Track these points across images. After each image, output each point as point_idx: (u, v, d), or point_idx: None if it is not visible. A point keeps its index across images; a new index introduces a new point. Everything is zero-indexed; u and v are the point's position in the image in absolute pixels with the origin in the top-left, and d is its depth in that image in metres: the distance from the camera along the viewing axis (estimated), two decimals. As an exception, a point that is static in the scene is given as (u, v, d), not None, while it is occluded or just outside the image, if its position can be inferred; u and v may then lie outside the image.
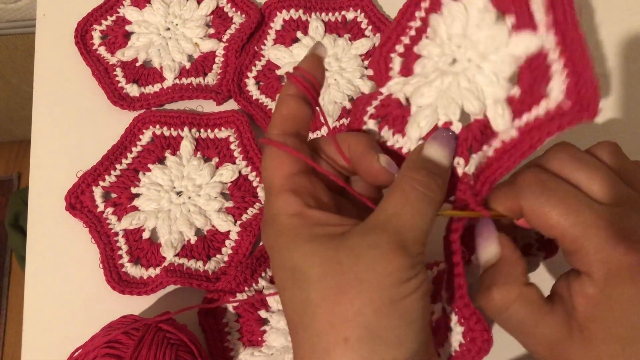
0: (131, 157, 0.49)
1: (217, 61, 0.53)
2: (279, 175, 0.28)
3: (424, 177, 0.28)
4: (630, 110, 0.52)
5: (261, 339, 0.42)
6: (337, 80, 0.52)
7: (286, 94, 0.30)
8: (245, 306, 0.43)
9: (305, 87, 0.30)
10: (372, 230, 0.26)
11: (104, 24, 0.55)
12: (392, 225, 0.26)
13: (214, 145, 0.50)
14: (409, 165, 0.29)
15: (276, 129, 0.30)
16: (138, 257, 0.46)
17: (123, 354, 0.37)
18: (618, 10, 0.56)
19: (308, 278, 0.25)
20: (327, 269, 0.25)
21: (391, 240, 0.25)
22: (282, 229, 0.27)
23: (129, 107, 0.51)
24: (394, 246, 0.25)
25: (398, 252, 0.25)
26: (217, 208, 0.47)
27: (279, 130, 0.29)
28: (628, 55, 0.54)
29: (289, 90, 0.30)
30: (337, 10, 0.55)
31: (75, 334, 0.41)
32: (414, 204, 0.27)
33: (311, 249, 0.26)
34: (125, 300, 0.44)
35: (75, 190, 0.47)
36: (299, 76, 0.30)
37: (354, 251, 0.25)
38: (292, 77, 0.30)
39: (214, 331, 0.43)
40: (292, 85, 0.30)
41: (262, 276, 0.44)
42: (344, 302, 0.24)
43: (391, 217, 0.26)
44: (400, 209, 0.27)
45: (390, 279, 0.25)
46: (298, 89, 0.30)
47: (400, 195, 0.27)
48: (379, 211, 0.27)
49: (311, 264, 0.26)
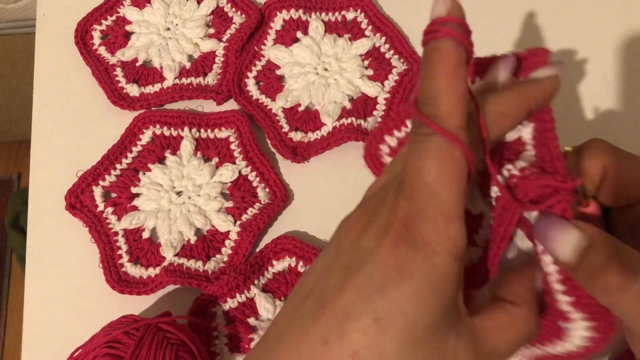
0: (131, 157, 0.49)
1: (217, 61, 0.53)
2: (454, 190, 0.20)
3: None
4: (630, 110, 0.52)
5: (248, 347, 0.42)
6: (337, 80, 0.52)
7: (458, 61, 0.21)
8: (235, 312, 0.43)
9: (469, 48, 0.21)
10: (474, 351, 0.22)
11: (104, 24, 0.55)
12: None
13: (214, 145, 0.50)
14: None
15: (455, 117, 0.20)
16: (138, 257, 0.46)
17: (123, 354, 0.37)
18: (618, 11, 0.56)
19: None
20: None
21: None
22: (436, 271, 0.20)
23: (129, 107, 0.51)
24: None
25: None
26: (217, 208, 0.47)
27: (459, 122, 0.20)
28: (628, 54, 0.54)
29: (458, 53, 0.21)
30: (337, 10, 0.55)
31: (75, 334, 0.41)
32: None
33: (435, 323, 0.21)
34: (125, 300, 0.44)
35: (75, 189, 0.47)
36: (458, 31, 0.21)
37: (472, 348, 0.21)
38: (455, 33, 0.21)
39: (202, 334, 0.43)
40: (458, 46, 0.21)
41: (255, 284, 0.44)
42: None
43: (492, 350, 0.22)
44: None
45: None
46: (465, 54, 0.21)
47: (515, 332, 0.23)
48: (488, 328, 0.22)
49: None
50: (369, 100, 0.51)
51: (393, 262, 0.20)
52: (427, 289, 0.20)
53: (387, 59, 0.53)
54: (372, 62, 0.52)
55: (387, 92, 0.51)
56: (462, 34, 0.21)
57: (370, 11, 0.54)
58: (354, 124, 0.49)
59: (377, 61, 0.52)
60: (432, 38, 0.21)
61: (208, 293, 0.43)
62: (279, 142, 0.49)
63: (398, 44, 0.53)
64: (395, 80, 0.51)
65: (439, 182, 0.20)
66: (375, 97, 0.51)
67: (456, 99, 0.20)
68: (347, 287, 0.21)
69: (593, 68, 0.53)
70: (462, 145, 0.20)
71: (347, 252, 0.22)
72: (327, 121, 0.50)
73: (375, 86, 0.51)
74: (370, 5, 0.55)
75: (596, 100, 0.52)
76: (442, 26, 0.21)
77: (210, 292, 0.43)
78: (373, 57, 0.53)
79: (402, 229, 0.21)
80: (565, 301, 0.22)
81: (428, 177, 0.20)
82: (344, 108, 0.51)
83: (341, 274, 0.21)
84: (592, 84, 0.53)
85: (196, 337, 0.41)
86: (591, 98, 0.52)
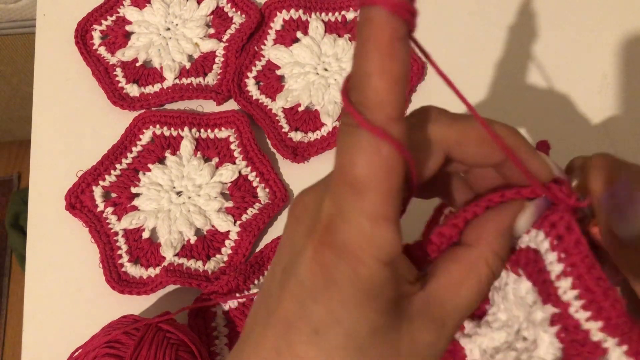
0: (131, 157, 0.49)
1: (217, 61, 0.53)
2: (382, 190, 0.18)
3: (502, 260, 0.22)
4: (630, 110, 0.52)
5: None
6: (337, 80, 0.52)
7: (393, 35, 0.17)
8: (235, 312, 0.43)
9: (409, 17, 0.17)
10: (435, 321, 0.21)
11: (104, 24, 0.55)
12: (452, 322, 0.21)
13: (214, 145, 0.50)
14: (495, 240, 0.22)
15: (383, 108, 0.17)
16: (138, 256, 0.46)
17: (123, 354, 0.37)
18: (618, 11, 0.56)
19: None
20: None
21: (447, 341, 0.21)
22: (362, 280, 0.18)
23: (129, 107, 0.51)
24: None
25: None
26: (217, 208, 0.47)
27: (391, 112, 0.17)
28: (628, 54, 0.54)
29: (392, 26, 0.17)
30: (337, 10, 0.55)
31: (75, 334, 0.41)
32: (477, 292, 0.21)
33: (377, 327, 0.19)
34: (125, 300, 0.44)
35: (75, 189, 0.47)
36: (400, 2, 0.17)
37: (413, 345, 0.20)
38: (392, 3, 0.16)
39: (202, 334, 0.43)
40: (394, 15, 0.17)
41: (255, 284, 0.44)
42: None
43: (455, 309, 0.21)
44: (464, 296, 0.21)
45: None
46: (404, 26, 0.17)
47: (475, 279, 0.21)
48: (445, 288, 0.21)
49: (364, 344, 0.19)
50: (369, 100, 0.51)
51: (318, 269, 0.19)
52: (358, 297, 0.18)
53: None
54: (372, 62, 0.52)
55: (387, 92, 0.51)
56: (403, 3, 0.16)
57: (370, 11, 0.54)
58: (354, 124, 0.49)
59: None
60: (364, 3, 0.17)
61: (208, 293, 0.43)
62: (279, 142, 0.49)
63: (398, 44, 0.53)
64: (395, 80, 0.51)
65: (364, 181, 0.18)
66: (375, 97, 0.51)
67: (388, 84, 0.17)
68: (285, 293, 0.20)
69: (593, 68, 0.53)
70: (393, 140, 0.17)
71: (284, 248, 0.21)
72: (327, 121, 0.50)
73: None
74: (370, 5, 0.54)
75: (596, 100, 0.52)
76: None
77: (210, 292, 0.43)
78: (373, 57, 0.53)
79: (324, 233, 0.19)
80: (596, 328, 0.21)
81: (351, 175, 0.18)
82: (344, 108, 0.51)
83: (280, 277, 0.20)
84: (592, 84, 0.53)
85: (196, 337, 0.41)
86: (591, 98, 0.52)
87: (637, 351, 0.21)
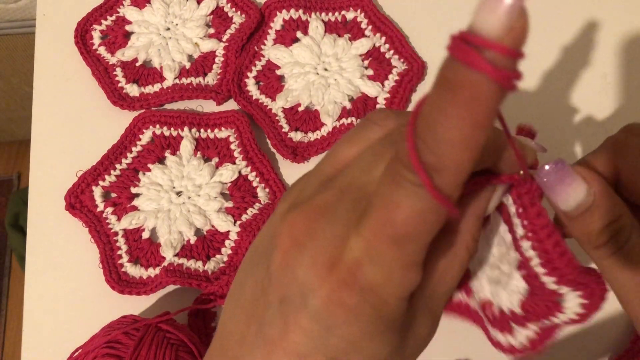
0: (131, 157, 0.49)
1: (217, 61, 0.53)
2: (422, 244, 0.18)
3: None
4: (630, 110, 0.52)
5: None
6: (337, 80, 0.52)
7: (493, 110, 0.15)
8: None
9: (508, 92, 0.15)
10: (430, 314, 0.21)
11: (104, 24, 0.55)
12: (441, 309, 0.22)
13: (214, 145, 0.50)
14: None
15: (456, 178, 0.16)
16: (137, 257, 0.46)
17: (123, 354, 0.37)
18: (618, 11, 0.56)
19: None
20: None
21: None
22: (385, 316, 0.18)
23: (129, 107, 0.51)
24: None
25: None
26: (216, 208, 0.47)
27: (459, 182, 0.17)
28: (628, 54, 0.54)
29: (496, 99, 0.15)
30: (337, 10, 0.55)
31: (75, 334, 0.41)
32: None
33: (396, 346, 0.20)
34: (125, 300, 0.44)
35: (75, 189, 0.47)
36: (506, 69, 0.14)
37: (415, 341, 0.21)
38: (503, 72, 0.14)
39: (202, 334, 0.43)
40: (500, 91, 0.15)
41: None
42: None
43: (443, 296, 0.22)
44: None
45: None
46: (503, 99, 0.15)
47: (458, 265, 0.22)
48: (434, 279, 0.21)
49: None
50: (369, 100, 0.51)
51: (337, 307, 0.18)
52: (379, 329, 0.19)
53: (387, 59, 0.53)
54: (372, 62, 0.52)
55: (387, 92, 0.51)
56: (510, 74, 0.14)
57: (370, 11, 0.54)
58: (354, 124, 0.49)
59: (377, 61, 0.52)
60: (465, 62, 0.14)
61: (208, 293, 0.43)
62: (279, 142, 0.49)
63: (398, 44, 0.53)
64: (395, 80, 0.51)
65: (409, 233, 0.17)
66: (375, 97, 0.51)
67: (471, 155, 0.16)
68: (291, 327, 0.19)
69: (593, 68, 0.53)
70: (453, 210, 0.17)
71: (279, 280, 0.19)
72: (327, 121, 0.50)
73: (375, 86, 0.51)
74: (370, 5, 0.55)
75: (596, 100, 0.52)
76: (483, 51, 0.14)
77: (210, 292, 0.43)
78: (373, 57, 0.53)
79: (347, 275, 0.18)
80: (551, 281, 0.23)
81: (398, 231, 0.17)
82: (344, 108, 0.51)
83: (278, 308, 0.19)
84: (592, 84, 0.53)
85: (196, 337, 0.41)
86: (591, 98, 0.52)
87: (590, 294, 0.24)
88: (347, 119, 0.50)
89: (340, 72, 0.52)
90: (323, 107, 0.51)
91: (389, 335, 0.19)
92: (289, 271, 0.19)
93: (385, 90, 0.51)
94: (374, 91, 0.51)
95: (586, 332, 0.44)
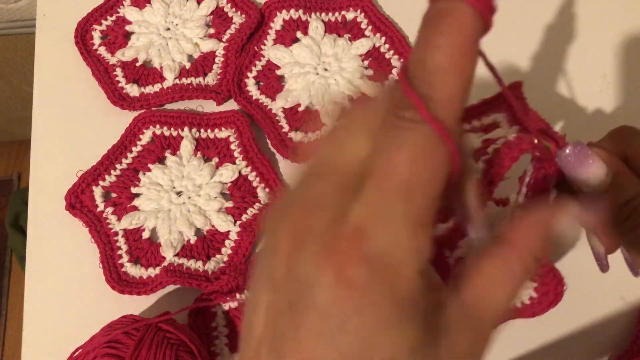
0: (131, 157, 0.49)
1: (217, 61, 0.53)
2: (430, 196, 0.17)
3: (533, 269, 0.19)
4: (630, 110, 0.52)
5: None
6: (337, 80, 0.52)
7: (474, 35, 0.16)
8: (235, 312, 0.43)
9: (490, 21, 0.17)
10: (471, 328, 0.19)
11: (104, 24, 0.55)
12: (488, 326, 0.19)
13: (214, 145, 0.50)
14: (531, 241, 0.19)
15: (454, 106, 0.16)
16: (138, 257, 0.46)
17: (123, 354, 0.37)
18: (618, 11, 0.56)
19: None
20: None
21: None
22: (400, 296, 0.16)
23: (129, 107, 0.51)
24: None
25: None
26: (217, 208, 0.47)
27: (457, 114, 0.17)
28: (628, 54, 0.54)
29: (475, 25, 0.16)
30: (337, 10, 0.55)
31: (75, 334, 0.40)
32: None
33: (416, 345, 0.17)
34: (125, 300, 0.44)
35: (75, 189, 0.47)
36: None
37: (452, 358, 0.18)
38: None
39: (202, 334, 0.43)
40: (478, 15, 0.16)
41: None
42: None
43: (490, 310, 0.19)
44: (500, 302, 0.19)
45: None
46: (483, 28, 0.16)
47: (510, 279, 0.19)
48: (479, 288, 0.19)
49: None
50: (369, 100, 0.51)
51: (345, 294, 0.16)
52: (396, 316, 0.16)
53: (387, 59, 0.53)
54: (372, 62, 0.52)
55: (387, 92, 0.51)
56: (488, 2, 0.16)
57: (370, 11, 0.54)
58: (354, 124, 0.49)
59: (377, 61, 0.52)
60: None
61: (208, 293, 0.43)
62: (279, 142, 0.49)
63: (398, 44, 0.53)
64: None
65: (415, 184, 0.16)
66: (375, 97, 0.51)
67: (462, 83, 0.16)
68: (301, 332, 0.17)
69: (593, 68, 0.53)
70: (453, 145, 0.16)
71: (284, 285, 0.18)
72: (327, 121, 0.50)
73: (375, 86, 0.51)
74: (370, 5, 0.55)
75: (596, 100, 0.52)
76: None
77: (210, 292, 0.43)
78: (373, 57, 0.53)
79: (350, 247, 0.16)
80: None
81: (402, 177, 0.16)
82: (344, 108, 0.51)
83: (288, 314, 0.17)
84: (592, 84, 0.53)
85: (196, 337, 0.41)
86: (591, 98, 0.52)
87: (544, 293, 0.24)
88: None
89: (340, 72, 0.52)
90: (323, 107, 0.51)
91: (407, 328, 0.17)
92: (292, 274, 0.17)
93: (385, 90, 0.51)
94: (374, 91, 0.51)
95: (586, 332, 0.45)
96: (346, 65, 0.52)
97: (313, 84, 0.51)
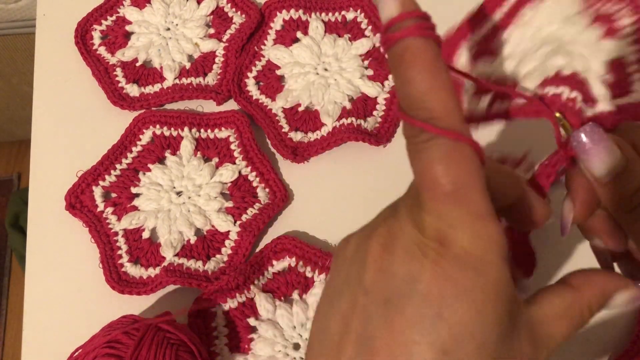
0: (131, 157, 0.49)
1: (217, 61, 0.53)
2: (479, 189, 0.19)
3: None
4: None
5: (248, 347, 0.42)
6: (337, 80, 0.52)
7: (434, 54, 0.19)
8: (235, 312, 0.43)
9: (436, 37, 0.20)
10: (534, 339, 0.21)
11: (104, 24, 0.55)
12: (545, 349, 0.22)
13: (214, 145, 0.50)
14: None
15: (454, 113, 0.19)
16: (138, 257, 0.46)
17: (123, 354, 0.37)
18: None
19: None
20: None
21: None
22: (492, 283, 0.19)
23: (129, 107, 0.51)
24: None
25: None
26: (217, 208, 0.47)
27: (458, 117, 0.19)
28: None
29: (430, 47, 0.19)
30: (337, 10, 0.55)
31: (75, 334, 0.40)
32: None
33: (503, 333, 0.19)
34: (125, 300, 0.44)
35: (75, 189, 0.47)
36: (420, 23, 0.19)
37: (521, 355, 0.20)
38: (419, 27, 0.19)
39: (202, 334, 0.43)
40: (428, 39, 0.19)
41: (255, 284, 0.44)
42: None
43: (550, 338, 0.22)
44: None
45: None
46: (437, 45, 0.19)
47: (573, 319, 0.22)
48: (546, 316, 0.22)
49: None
50: (369, 100, 0.51)
51: (443, 286, 0.18)
52: (488, 304, 0.18)
53: (387, 59, 0.53)
54: (372, 62, 0.52)
55: (387, 92, 0.51)
56: (425, 25, 0.19)
57: (370, 11, 0.54)
58: (354, 124, 0.49)
59: (377, 61, 0.52)
60: (393, 41, 0.19)
61: (208, 293, 0.43)
62: (279, 142, 0.49)
63: (398, 44, 0.53)
64: (395, 80, 0.51)
65: (462, 185, 0.18)
66: (375, 97, 0.51)
67: (447, 93, 0.19)
68: (396, 324, 0.19)
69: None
70: (470, 140, 0.19)
71: (378, 285, 0.20)
72: (327, 121, 0.50)
73: (375, 86, 0.51)
74: (370, 5, 0.55)
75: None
76: (400, 26, 0.19)
77: (210, 292, 0.43)
78: (373, 57, 0.53)
79: (439, 248, 0.19)
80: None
81: (447, 185, 0.18)
82: (344, 108, 0.51)
83: (382, 312, 0.19)
84: (592, 84, 0.52)
85: (196, 337, 0.41)
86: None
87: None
88: (347, 119, 0.50)
89: (340, 72, 0.52)
90: (323, 107, 0.51)
91: (499, 313, 0.19)
92: (387, 274, 0.20)
93: (385, 91, 0.51)
94: (374, 91, 0.51)
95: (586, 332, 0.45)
96: (346, 65, 0.52)
97: (313, 84, 0.51)
